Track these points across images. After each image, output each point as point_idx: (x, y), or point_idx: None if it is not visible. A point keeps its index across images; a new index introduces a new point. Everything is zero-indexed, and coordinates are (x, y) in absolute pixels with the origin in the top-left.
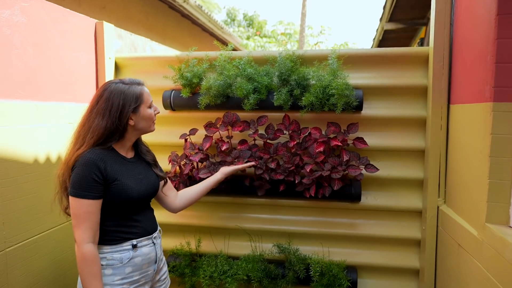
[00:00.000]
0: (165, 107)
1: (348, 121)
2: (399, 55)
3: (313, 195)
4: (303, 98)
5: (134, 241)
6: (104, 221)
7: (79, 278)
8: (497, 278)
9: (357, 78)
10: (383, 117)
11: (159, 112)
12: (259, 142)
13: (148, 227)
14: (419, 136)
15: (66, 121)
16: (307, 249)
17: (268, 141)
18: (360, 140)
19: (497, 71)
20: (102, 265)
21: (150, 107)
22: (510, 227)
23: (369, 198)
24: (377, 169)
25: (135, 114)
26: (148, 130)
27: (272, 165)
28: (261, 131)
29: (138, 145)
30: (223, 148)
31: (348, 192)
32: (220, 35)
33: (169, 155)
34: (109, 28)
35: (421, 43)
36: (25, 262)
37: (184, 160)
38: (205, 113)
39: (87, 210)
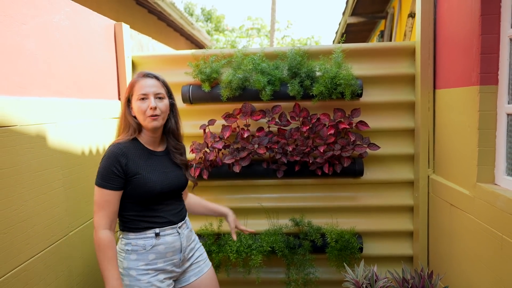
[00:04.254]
0: (184, 101)
1: (350, 107)
2: (390, 49)
3: (326, 172)
4: (313, 88)
5: (157, 230)
6: (128, 210)
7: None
8: (489, 223)
9: (355, 69)
10: (378, 103)
11: (155, 109)
12: (273, 128)
13: (173, 218)
14: (408, 117)
15: (100, 116)
16: (318, 221)
17: (282, 127)
18: (363, 123)
19: (481, 60)
20: (127, 250)
21: (142, 99)
22: (496, 184)
23: (368, 174)
24: (379, 147)
25: (131, 105)
26: (144, 125)
27: (289, 148)
28: (276, 119)
29: (168, 141)
30: (245, 135)
31: (352, 168)
32: (189, 31)
33: (191, 144)
34: (126, 29)
35: (382, 35)
36: (83, 245)
37: (206, 148)
38: (220, 105)
39: (106, 199)
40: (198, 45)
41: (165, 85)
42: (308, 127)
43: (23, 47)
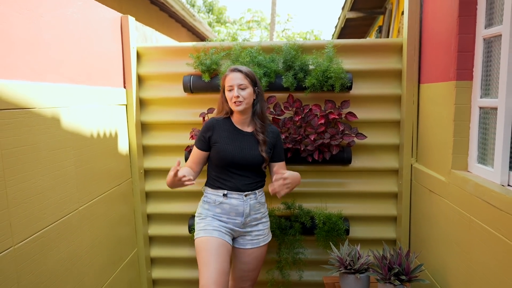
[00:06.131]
0: (185, 90)
1: (340, 99)
2: (379, 45)
3: (316, 158)
4: (306, 80)
5: (225, 191)
6: (211, 170)
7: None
8: (460, 206)
9: (346, 64)
10: (367, 95)
11: (238, 97)
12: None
13: (242, 186)
14: (395, 110)
15: (107, 103)
16: (308, 205)
17: (276, 116)
18: (351, 114)
19: (458, 58)
20: (204, 200)
21: (229, 90)
22: (468, 171)
23: (356, 162)
24: (365, 137)
25: (225, 94)
26: (232, 108)
27: (283, 136)
28: (270, 108)
29: (255, 123)
30: None
31: (341, 157)
32: (190, 22)
33: (191, 131)
34: (131, 21)
35: (380, 31)
36: (89, 220)
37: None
38: (219, 94)
39: (193, 152)
40: (199, 36)
41: (248, 76)
42: (300, 117)
43: (40, 38)
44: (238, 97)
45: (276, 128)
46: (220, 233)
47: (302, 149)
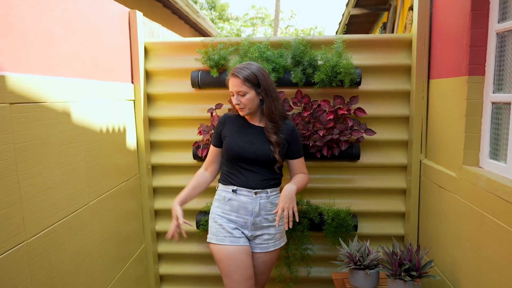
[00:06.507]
0: (193, 85)
1: (349, 95)
2: (388, 40)
3: (325, 154)
4: (315, 75)
5: (235, 187)
6: (223, 166)
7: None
8: (471, 201)
9: (355, 59)
10: (376, 91)
11: (238, 104)
12: None
13: (252, 183)
14: (404, 105)
15: (116, 98)
16: (316, 201)
17: None
18: (360, 109)
19: (470, 52)
20: (215, 198)
21: (232, 95)
22: (480, 167)
23: (365, 158)
24: (374, 133)
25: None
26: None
27: None
28: None
29: (265, 120)
30: None
31: (350, 152)
32: (194, 19)
33: (199, 127)
34: (139, 16)
35: (384, 27)
36: (99, 215)
37: (213, 130)
38: (227, 90)
39: (210, 150)
40: (202, 33)
41: (248, 80)
42: (309, 113)
43: (51, 32)
44: (238, 104)
45: (291, 123)
46: (232, 239)
47: (310, 145)
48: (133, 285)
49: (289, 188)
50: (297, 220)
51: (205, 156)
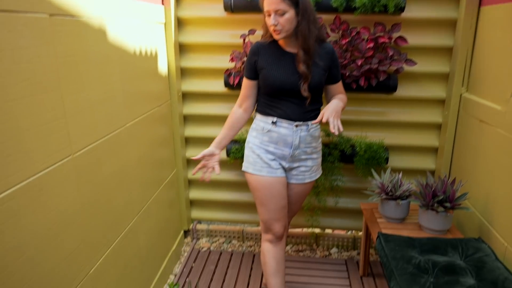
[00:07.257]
0: (226, 8)
1: (390, 22)
2: None
3: (362, 85)
4: (356, 0)
5: (275, 119)
6: (261, 96)
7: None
8: None
9: None
10: (420, 19)
11: (275, 25)
12: None
13: (292, 115)
14: (448, 35)
15: (147, 20)
16: (348, 134)
17: None
18: (402, 38)
19: None
20: (252, 127)
21: (268, 15)
22: None
23: (401, 90)
24: (415, 63)
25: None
26: (273, 36)
27: None
28: None
29: (299, 48)
30: None
31: (387, 84)
32: None
33: (231, 53)
34: None
35: None
36: (135, 138)
37: (245, 57)
38: (261, 15)
39: (244, 84)
40: None
41: None
42: (347, 40)
43: None
44: (276, 25)
45: (330, 46)
46: (270, 170)
47: (347, 74)
48: (166, 207)
49: (336, 102)
50: (341, 130)
51: (237, 84)
